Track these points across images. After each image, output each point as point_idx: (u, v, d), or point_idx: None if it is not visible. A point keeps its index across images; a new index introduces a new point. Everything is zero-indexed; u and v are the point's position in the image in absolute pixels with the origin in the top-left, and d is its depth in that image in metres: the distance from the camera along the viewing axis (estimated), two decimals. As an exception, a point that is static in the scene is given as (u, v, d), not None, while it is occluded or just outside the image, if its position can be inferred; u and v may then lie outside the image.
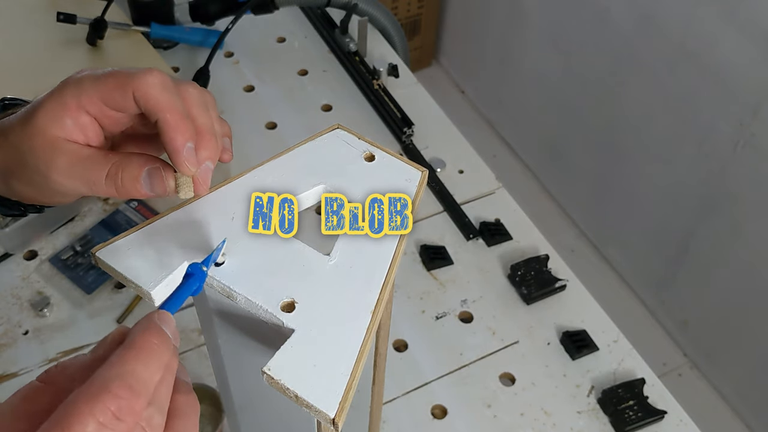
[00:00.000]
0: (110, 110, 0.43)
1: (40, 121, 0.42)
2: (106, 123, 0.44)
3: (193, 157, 0.42)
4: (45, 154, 0.42)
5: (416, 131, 1.02)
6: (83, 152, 0.43)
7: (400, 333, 0.82)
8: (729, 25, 1.39)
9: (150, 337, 0.34)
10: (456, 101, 2.35)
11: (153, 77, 0.41)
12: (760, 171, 1.43)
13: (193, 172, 0.42)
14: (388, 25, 1.17)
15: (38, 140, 0.42)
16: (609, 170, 1.85)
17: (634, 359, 0.81)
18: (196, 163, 0.42)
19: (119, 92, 0.42)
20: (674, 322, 1.80)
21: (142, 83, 0.41)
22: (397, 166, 0.47)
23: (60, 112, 0.42)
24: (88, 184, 0.43)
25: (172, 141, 0.41)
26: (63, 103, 0.42)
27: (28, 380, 0.35)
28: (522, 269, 0.87)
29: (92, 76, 0.42)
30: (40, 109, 0.42)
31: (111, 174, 0.43)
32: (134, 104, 0.42)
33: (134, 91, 0.41)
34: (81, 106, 0.42)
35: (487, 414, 0.76)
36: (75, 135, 0.43)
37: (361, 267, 0.42)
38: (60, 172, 0.43)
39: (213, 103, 0.46)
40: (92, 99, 0.42)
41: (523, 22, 1.99)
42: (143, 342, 0.34)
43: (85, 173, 0.43)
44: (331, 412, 0.36)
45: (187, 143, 0.41)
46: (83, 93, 0.42)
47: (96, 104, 0.42)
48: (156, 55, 1.07)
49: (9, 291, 0.84)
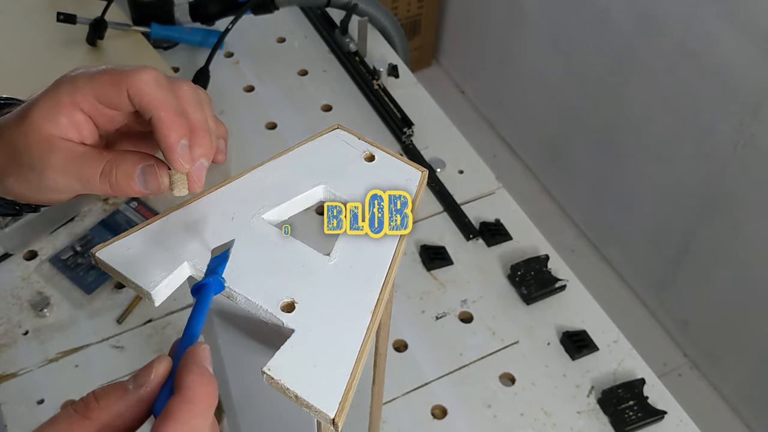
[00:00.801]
0: (104, 108, 0.43)
1: (35, 119, 0.42)
2: (101, 121, 0.44)
3: (187, 154, 0.42)
4: (40, 152, 0.42)
5: (416, 131, 1.02)
6: (78, 150, 0.43)
7: (400, 333, 0.82)
8: (729, 25, 1.39)
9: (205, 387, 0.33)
10: (456, 101, 2.35)
11: (147, 74, 0.41)
12: (760, 171, 1.43)
13: (188, 169, 0.42)
14: (388, 26, 1.17)
15: (33, 138, 0.42)
16: (609, 170, 1.85)
17: (634, 359, 0.81)
18: (191, 160, 0.42)
19: (113, 89, 0.42)
20: (674, 322, 1.80)
21: (136, 80, 0.41)
22: (397, 166, 0.47)
23: (55, 110, 0.42)
24: (82, 182, 0.43)
25: (166, 138, 0.41)
26: (58, 102, 0.42)
27: (28, 380, 0.35)
28: (522, 269, 0.87)
29: (87, 74, 0.42)
30: (35, 107, 0.43)
31: (105, 171, 0.43)
32: (128, 102, 0.42)
33: (128, 88, 0.41)
34: (75, 104, 0.42)
35: (487, 414, 0.76)
36: (70, 133, 0.43)
37: (361, 267, 0.42)
38: (55, 170, 0.43)
39: (207, 101, 0.45)
40: (87, 97, 0.42)
41: (523, 22, 1.99)
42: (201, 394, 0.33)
43: (80, 170, 0.43)
44: (331, 412, 0.36)
45: (181, 140, 0.41)
46: (78, 91, 0.42)
47: (90, 102, 0.42)
48: (156, 55, 1.07)
49: (9, 291, 0.84)
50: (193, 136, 0.42)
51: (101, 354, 0.79)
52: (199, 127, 0.43)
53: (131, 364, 0.78)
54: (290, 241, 0.43)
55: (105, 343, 0.80)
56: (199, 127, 0.43)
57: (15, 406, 0.74)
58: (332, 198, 0.46)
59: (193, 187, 0.43)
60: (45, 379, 0.76)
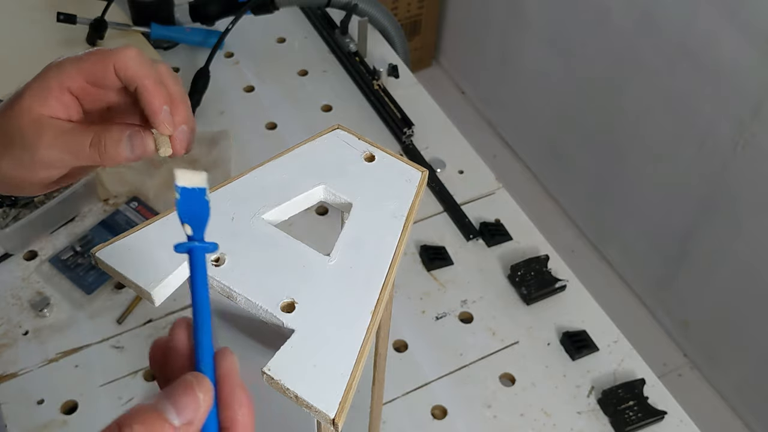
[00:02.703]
0: (90, 87, 0.48)
1: (26, 103, 0.47)
2: (86, 100, 0.49)
3: (169, 117, 0.47)
4: (32, 131, 0.47)
5: (416, 131, 1.02)
6: (66, 126, 0.47)
7: (400, 333, 0.82)
8: (729, 25, 1.39)
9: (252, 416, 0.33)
10: (456, 101, 2.35)
11: (130, 51, 0.47)
12: (760, 171, 1.43)
13: (171, 131, 0.47)
14: (388, 26, 1.17)
15: (25, 120, 0.47)
16: (609, 170, 1.85)
17: (634, 359, 0.81)
18: (173, 123, 0.47)
19: (100, 66, 0.47)
20: (674, 322, 1.80)
21: (122, 56, 0.46)
22: (397, 167, 0.47)
23: (44, 93, 0.47)
24: (72, 153, 0.47)
25: (151, 104, 0.46)
26: (47, 85, 0.47)
27: (28, 380, 0.34)
28: (522, 269, 0.87)
29: (73, 58, 0.48)
30: (25, 92, 0.47)
31: (94, 142, 0.47)
32: (114, 77, 0.47)
33: (115, 64, 0.46)
34: (63, 86, 0.47)
35: (487, 414, 0.76)
36: (58, 112, 0.47)
37: (361, 267, 0.42)
38: (47, 145, 0.47)
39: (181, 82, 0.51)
40: (73, 78, 0.47)
41: (523, 22, 1.99)
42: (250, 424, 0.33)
43: (70, 143, 0.47)
44: (331, 413, 0.36)
45: (163, 106, 0.46)
46: (64, 73, 0.47)
47: (77, 82, 0.47)
48: (156, 55, 1.07)
49: (9, 291, 0.84)
50: (173, 106, 0.47)
51: (101, 354, 0.79)
52: (177, 97, 0.48)
53: (131, 365, 0.78)
54: (290, 241, 0.43)
55: (105, 344, 0.80)
56: (178, 97, 0.48)
57: (15, 406, 0.74)
58: (332, 198, 0.46)
59: (176, 148, 0.48)
60: (45, 379, 0.76)
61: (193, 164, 0.94)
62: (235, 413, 0.32)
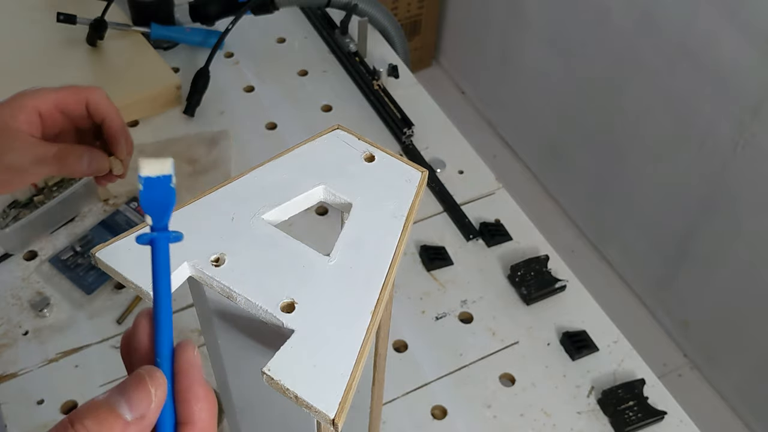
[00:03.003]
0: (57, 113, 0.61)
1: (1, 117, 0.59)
2: (47, 123, 0.61)
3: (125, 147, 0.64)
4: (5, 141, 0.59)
5: (416, 132, 1.02)
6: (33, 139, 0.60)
7: (400, 333, 0.82)
8: (729, 25, 1.39)
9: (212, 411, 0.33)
10: (456, 101, 2.35)
11: (101, 91, 0.62)
12: (760, 171, 1.43)
13: (125, 157, 0.64)
14: (388, 26, 1.17)
15: None
16: (609, 170, 1.85)
17: (634, 360, 0.81)
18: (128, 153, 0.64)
19: (73, 97, 0.61)
20: (674, 322, 1.80)
21: (95, 94, 0.62)
22: (397, 167, 0.47)
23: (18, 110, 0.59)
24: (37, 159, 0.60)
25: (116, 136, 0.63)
26: (22, 104, 0.59)
27: (28, 380, 0.34)
28: (522, 270, 0.87)
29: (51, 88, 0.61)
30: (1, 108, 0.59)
31: (58, 155, 0.60)
32: (83, 108, 0.62)
33: (88, 98, 0.61)
34: (36, 107, 0.60)
35: (487, 415, 0.76)
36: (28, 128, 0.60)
37: (361, 267, 0.42)
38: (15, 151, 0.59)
39: None
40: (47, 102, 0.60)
41: (523, 22, 1.99)
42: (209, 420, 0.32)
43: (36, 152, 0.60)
44: (331, 413, 0.36)
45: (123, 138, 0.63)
46: (40, 97, 0.60)
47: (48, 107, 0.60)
48: (156, 55, 1.07)
49: (9, 291, 0.84)
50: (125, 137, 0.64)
51: (101, 354, 0.79)
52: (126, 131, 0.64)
53: (131, 365, 0.78)
54: (290, 240, 0.43)
55: (105, 344, 0.80)
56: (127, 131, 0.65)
57: (15, 406, 0.74)
58: (332, 198, 0.46)
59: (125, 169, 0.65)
60: (45, 379, 0.76)
61: (193, 164, 0.94)
62: (191, 408, 0.32)
